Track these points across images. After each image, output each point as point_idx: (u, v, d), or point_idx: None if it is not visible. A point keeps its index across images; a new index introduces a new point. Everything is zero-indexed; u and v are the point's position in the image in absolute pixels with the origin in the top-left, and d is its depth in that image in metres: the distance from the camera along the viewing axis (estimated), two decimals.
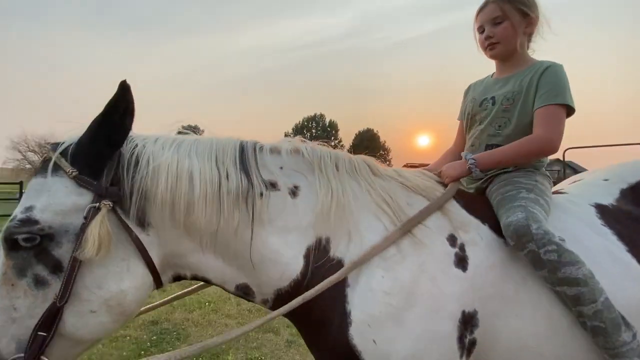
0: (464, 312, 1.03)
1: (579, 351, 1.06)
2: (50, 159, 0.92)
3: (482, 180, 1.36)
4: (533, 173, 1.30)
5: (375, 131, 74.49)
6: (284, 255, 1.05)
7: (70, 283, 0.87)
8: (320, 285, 0.98)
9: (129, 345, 3.27)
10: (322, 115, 76.37)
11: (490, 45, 1.35)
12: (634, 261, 1.16)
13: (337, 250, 1.07)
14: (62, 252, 0.89)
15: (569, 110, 1.28)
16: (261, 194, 1.03)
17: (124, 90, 0.92)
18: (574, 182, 1.64)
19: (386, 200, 1.12)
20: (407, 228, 1.07)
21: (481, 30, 1.38)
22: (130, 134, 1.01)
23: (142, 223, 0.97)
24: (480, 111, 1.41)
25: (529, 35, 1.37)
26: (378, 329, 0.98)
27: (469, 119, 1.47)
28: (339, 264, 1.04)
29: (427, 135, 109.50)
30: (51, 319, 0.86)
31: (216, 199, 0.98)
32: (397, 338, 0.98)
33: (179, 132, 1.15)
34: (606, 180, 1.44)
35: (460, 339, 1.02)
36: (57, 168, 0.92)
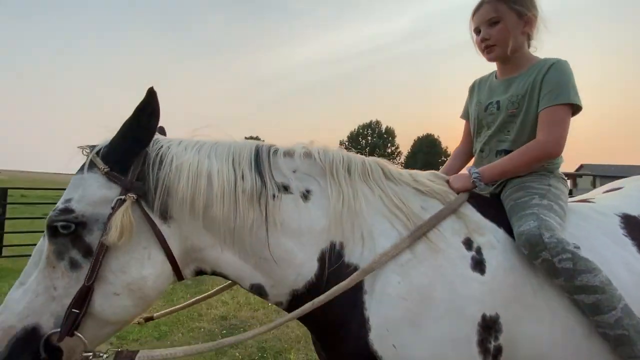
0: (484, 315, 1.01)
1: (598, 353, 1.03)
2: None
3: (495, 185, 1.33)
4: (546, 177, 1.26)
5: (436, 137, 70.80)
6: (297, 257, 1.07)
7: (97, 266, 0.95)
8: (331, 291, 1.00)
9: (203, 335, 3.67)
10: (378, 122, 74.54)
11: (487, 48, 1.32)
12: None
13: (352, 256, 1.07)
14: (93, 238, 0.98)
15: (576, 109, 1.23)
16: (274, 196, 1.07)
17: (151, 95, 1.00)
18: (611, 190, 1.59)
19: (398, 205, 1.12)
20: (420, 233, 1.06)
21: (477, 31, 1.35)
22: (157, 137, 1.09)
23: (164, 216, 1.03)
24: (487, 116, 1.38)
25: (529, 35, 1.32)
26: (397, 334, 0.99)
27: (476, 123, 1.44)
28: (354, 270, 1.05)
29: None
30: (83, 298, 0.94)
31: (232, 197, 1.03)
32: (416, 342, 0.99)
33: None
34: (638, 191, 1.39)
35: (482, 342, 1.00)
36: (92, 165, 1.02)
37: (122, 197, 0.98)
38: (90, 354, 0.97)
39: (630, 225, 1.23)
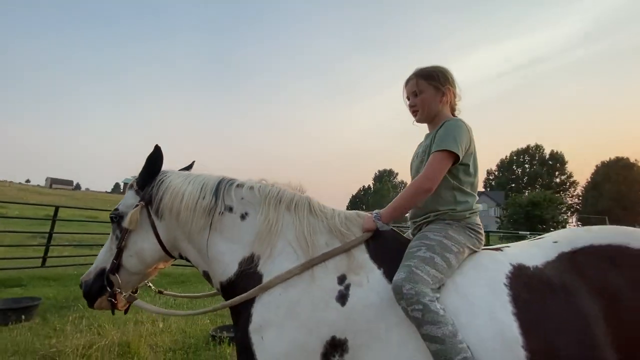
0: (334, 337, 1.25)
1: None
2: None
3: (415, 226, 1.57)
4: (449, 226, 1.42)
5: (633, 160, 53.66)
6: (225, 257, 1.50)
7: (123, 238, 1.59)
8: (238, 298, 1.39)
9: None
10: (538, 147, 64.05)
11: (413, 112, 1.64)
12: (514, 325, 1.16)
13: (263, 267, 1.42)
14: (123, 225, 1.62)
15: (457, 158, 1.44)
16: (221, 212, 1.53)
17: (156, 149, 1.63)
18: (539, 238, 1.55)
19: (306, 236, 1.43)
20: (310, 265, 1.36)
21: (407, 99, 1.66)
22: (167, 169, 1.67)
23: (158, 215, 1.59)
24: (412, 162, 1.70)
25: (449, 103, 1.61)
26: (266, 330, 1.30)
27: (411, 168, 1.71)
28: (260, 277, 1.41)
29: None
30: (118, 255, 1.60)
31: (193, 208, 1.53)
32: (276, 339, 1.28)
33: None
34: (555, 242, 1.39)
35: (325, 355, 1.25)
36: (131, 186, 1.70)
37: (137, 203, 1.62)
38: (126, 293, 1.65)
39: (516, 275, 1.28)
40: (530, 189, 60.29)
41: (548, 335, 1.14)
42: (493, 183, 68.73)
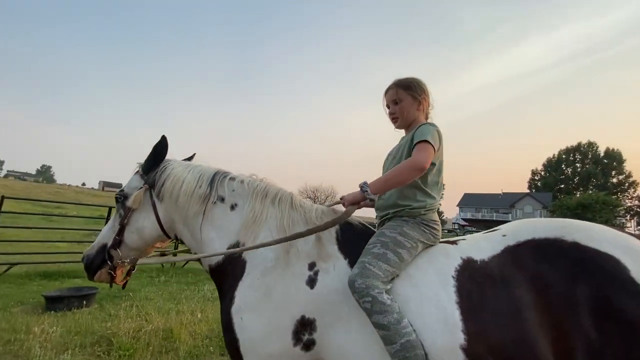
0: (303, 316, 1.41)
1: None
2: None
3: (380, 221, 1.68)
4: (405, 223, 1.54)
5: None
6: (215, 243, 1.65)
7: (126, 216, 1.75)
8: (221, 252, 1.60)
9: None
10: (591, 144, 59.81)
11: (393, 119, 1.78)
12: (456, 312, 1.30)
13: (245, 252, 1.58)
14: (127, 204, 1.77)
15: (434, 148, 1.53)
16: (214, 202, 1.69)
17: (162, 138, 1.78)
18: (491, 230, 1.64)
19: (285, 226, 1.60)
20: (286, 241, 1.50)
21: (387, 107, 1.79)
22: (171, 158, 1.83)
23: (159, 198, 1.74)
24: (386, 161, 1.82)
25: (424, 111, 1.75)
26: (245, 311, 1.45)
27: (383, 168, 1.81)
28: (244, 262, 1.56)
29: None
30: (120, 232, 1.75)
31: (190, 195, 1.69)
32: (253, 320, 1.43)
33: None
34: (504, 236, 1.49)
35: (296, 333, 1.40)
36: (137, 171, 1.84)
37: (141, 185, 1.78)
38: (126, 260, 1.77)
39: (463, 268, 1.41)
40: (582, 189, 56.64)
41: (484, 321, 1.28)
42: (539, 184, 64.85)
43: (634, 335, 1.16)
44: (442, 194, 1.68)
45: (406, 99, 1.72)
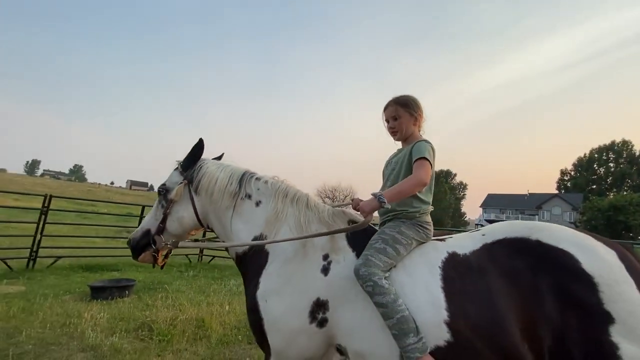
0: (318, 298, 1.65)
1: (387, 340, 1.54)
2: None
3: (382, 222, 1.93)
4: (402, 223, 1.79)
5: None
6: (242, 234, 1.90)
7: (168, 207, 1.99)
8: (244, 242, 1.87)
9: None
10: (625, 143, 57.19)
11: (392, 133, 2.00)
12: (441, 295, 1.54)
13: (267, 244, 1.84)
14: (169, 196, 2.01)
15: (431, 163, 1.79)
16: (242, 198, 1.95)
17: (200, 141, 2.04)
18: (475, 231, 1.85)
19: (302, 224, 1.85)
20: (302, 239, 1.76)
21: (387, 122, 2.01)
22: (206, 158, 2.08)
23: (197, 192, 1.99)
24: (385, 169, 2.06)
25: (419, 126, 1.98)
26: (269, 295, 1.69)
27: (383, 175, 2.05)
28: (267, 253, 1.82)
29: None
30: (163, 220, 1.99)
31: (222, 191, 1.94)
32: (275, 302, 1.67)
33: None
34: (483, 235, 1.72)
35: (312, 313, 1.64)
36: (176, 168, 2.08)
37: (181, 181, 2.03)
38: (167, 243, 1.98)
39: (449, 260, 1.65)
40: (616, 190, 54.51)
41: (463, 303, 1.52)
42: (568, 184, 62.45)
43: (588, 318, 1.39)
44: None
45: (404, 115, 1.94)
